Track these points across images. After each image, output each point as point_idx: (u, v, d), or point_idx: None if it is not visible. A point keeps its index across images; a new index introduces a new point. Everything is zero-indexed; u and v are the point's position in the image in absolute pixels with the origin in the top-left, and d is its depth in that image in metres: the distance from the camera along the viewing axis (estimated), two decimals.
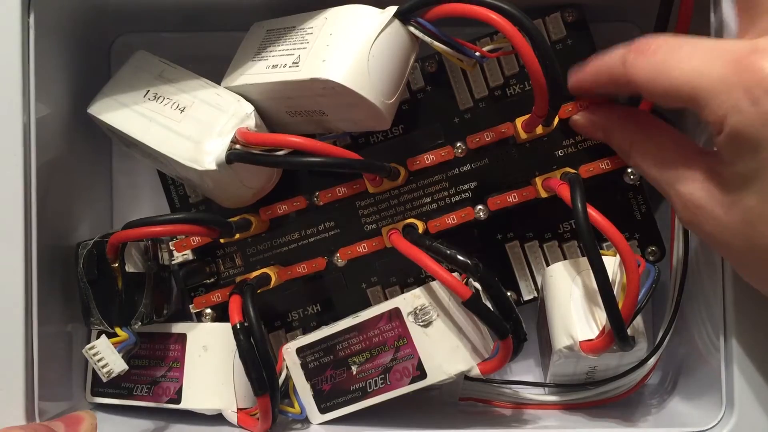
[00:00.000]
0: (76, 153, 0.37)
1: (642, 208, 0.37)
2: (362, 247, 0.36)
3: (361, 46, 0.30)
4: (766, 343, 0.31)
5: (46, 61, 0.34)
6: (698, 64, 0.26)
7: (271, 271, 0.36)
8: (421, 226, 0.35)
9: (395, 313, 0.33)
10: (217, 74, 0.35)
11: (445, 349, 0.32)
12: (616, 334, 0.30)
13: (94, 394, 0.37)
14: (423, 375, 0.32)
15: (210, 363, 0.35)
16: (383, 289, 0.38)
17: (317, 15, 0.32)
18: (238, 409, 0.35)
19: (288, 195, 0.36)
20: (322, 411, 0.34)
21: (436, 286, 0.33)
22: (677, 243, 0.35)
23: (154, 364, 0.36)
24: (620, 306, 0.30)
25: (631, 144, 0.32)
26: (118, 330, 0.34)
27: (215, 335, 0.35)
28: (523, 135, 0.35)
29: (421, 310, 0.32)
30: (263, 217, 0.36)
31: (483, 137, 0.35)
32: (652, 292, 0.32)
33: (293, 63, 0.31)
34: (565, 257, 0.37)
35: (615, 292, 0.30)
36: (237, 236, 0.36)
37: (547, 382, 0.37)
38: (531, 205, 0.35)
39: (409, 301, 0.33)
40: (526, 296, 0.37)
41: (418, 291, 0.33)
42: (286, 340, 0.37)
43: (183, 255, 0.37)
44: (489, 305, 0.31)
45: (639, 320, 0.32)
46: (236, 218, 0.36)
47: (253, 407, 0.35)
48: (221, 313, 0.38)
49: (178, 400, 0.35)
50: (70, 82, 0.37)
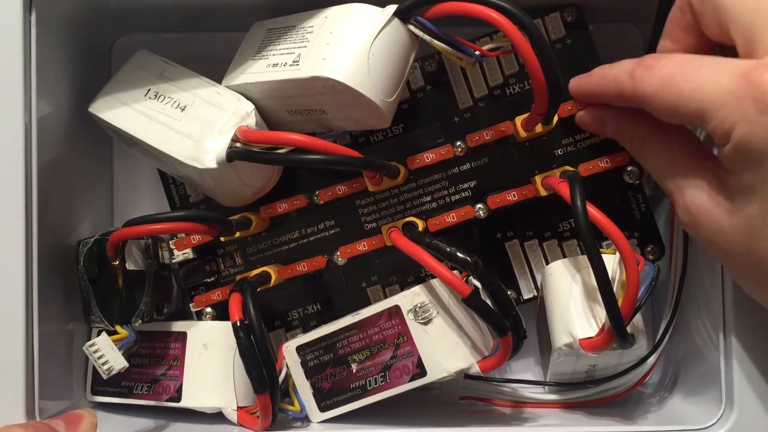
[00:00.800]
0: (77, 152, 0.37)
1: (641, 207, 0.37)
2: (362, 246, 0.36)
3: (362, 44, 0.30)
4: (765, 340, 0.31)
5: (47, 61, 0.34)
6: (705, 77, 0.26)
7: (271, 270, 0.36)
8: (420, 225, 0.35)
9: (395, 311, 0.33)
10: (217, 74, 0.35)
11: (445, 347, 0.32)
12: (616, 331, 0.30)
13: (95, 392, 0.37)
14: (423, 372, 0.33)
15: (210, 361, 0.35)
16: (383, 288, 0.38)
17: (317, 14, 0.33)
18: (238, 407, 0.35)
19: (288, 194, 0.37)
20: (322, 409, 0.34)
21: (435, 283, 0.33)
22: (677, 241, 0.35)
23: (155, 363, 0.36)
24: (620, 304, 0.30)
25: (641, 140, 0.32)
26: (118, 328, 0.34)
27: (215, 333, 0.35)
28: (523, 134, 0.35)
29: (421, 307, 0.33)
30: (263, 215, 0.36)
31: (483, 136, 0.35)
32: (651, 290, 0.32)
33: (293, 62, 0.32)
34: (564, 256, 0.37)
35: (615, 290, 0.30)
36: (237, 234, 0.36)
37: (547, 380, 0.37)
38: (531, 203, 0.36)
39: (409, 299, 0.33)
40: (526, 295, 0.37)
41: (418, 289, 0.33)
42: (287, 339, 0.37)
43: (183, 254, 0.37)
44: (489, 302, 0.31)
45: (639, 318, 0.32)
46: (236, 216, 0.36)
47: (253, 405, 0.35)
48: (221, 312, 0.38)
49: (178, 399, 0.35)
50: (72, 81, 0.37)
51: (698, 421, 0.32)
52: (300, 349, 0.35)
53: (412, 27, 0.31)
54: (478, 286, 0.31)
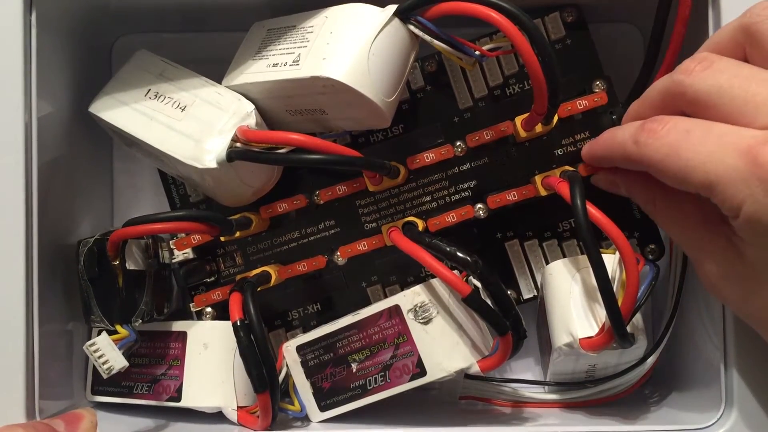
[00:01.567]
0: (77, 152, 0.37)
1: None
2: (362, 246, 0.36)
3: (362, 44, 0.30)
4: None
5: (47, 60, 0.34)
6: (711, 150, 0.25)
7: (271, 270, 0.36)
8: (420, 225, 0.35)
9: (395, 311, 0.33)
10: (217, 74, 0.35)
11: (445, 347, 0.32)
12: (616, 331, 0.30)
13: (95, 392, 0.37)
14: (423, 372, 0.33)
15: (210, 361, 0.35)
16: (383, 288, 0.38)
17: (317, 14, 0.33)
18: (238, 407, 0.35)
19: (288, 194, 0.37)
20: (322, 409, 0.34)
21: (435, 283, 0.33)
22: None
23: (155, 363, 0.36)
24: (620, 303, 0.30)
25: (653, 204, 0.31)
26: (118, 327, 0.34)
27: (215, 333, 0.35)
28: (523, 133, 0.35)
29: (420, 307, 0.33)
30: (263, 215, 0.36)
31: (483, 136, 0.35)
32: (651, 289, 0.32)
33: (294, 61, 0.32)
34: (564, 256, 0.37)
35: (614, 289, 0.30)
36: (237, 234, 0.36)
37: (547, 380, 0.37)
38: (531, 203, 0.36)
39: (409, 299, 0.33)
40: (526, 295, 0.37)
41: (418, 288, 0.33)
42: (287, 339, 0.37)
43: (183, 253, 0.37)
44: (488, 302, 0.31)
45: (639, 318, 0.32)
46: (237, 216, 0.36)
47: (253, 405, 0.35)
48: (221, 312, 0.38)
49: (178, 398, 0.35)
50: (72, 81, 0.37)
51: (698, 421, 0.32)
52: (300, 349, 0.35)
53: (412, 27, 0.31)
54: (478, 285, 0.32)
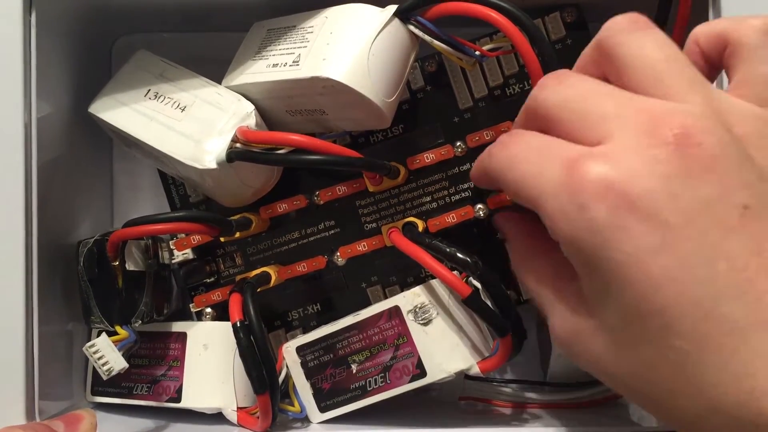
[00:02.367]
0: (77, 152, 0.37)
1: None
2: (362, 246, 0.36)
3: (362, 44, 0.30)
4: None
5: (47, 60, 0.34)
6: (539, 162, 0.24)
7: (271, 270, 0.36)
8: (420, 225, 0.35)
9: (395, 312, 0.33)
10: (217, 74, 0.35)
11: (445, 348, 0.32)
12: None
13: (95, 393, 0.37)
14: (423, 373, 0.32)
15: (210, 362, 0.35)
16: (383, 289, 0.38)
17: (317, 14, 0.33)
18: (238, 407, 0.35)
19: (288, 194, 0.36)
20: (322, 410, 0.34)
21: (435, 284, 0.33)
22: None
23: (155, 363, 0.36)
24: None
25: (518, 258, 0.30)
26: (118, 328, 0.34)
27: (215, 334, 0.35)
28: None
29: (420, 308, 0.33)
30: (263, 215, 0.36)
31: (483, 136, 0.35)
32: None
33: (293, 62, 0.32)
34: None
35: None
36: (237, 235, 0.36)
37: (548, 381, 0.37)
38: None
39: (408, 300, 0.33)
40: (526, 295, 0.37)
41: (417, 289, 0.33)
42: (287, 340, 0.37)
43: (183, 254, 0.37)
44: (489, 303, 0.31)
45: None
46: (236, 217, 0.36)
47: (253, 406, 0.35)
48: (221, 313, 0.38)
49: (178, 399, 0.35)
50: (72, 81, 0.37)
51: None
52: (300, 350, 0.35)
53: (412, 27, 0.31)
54: (478, 287, 0.31)
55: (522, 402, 0.37)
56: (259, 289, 0.35)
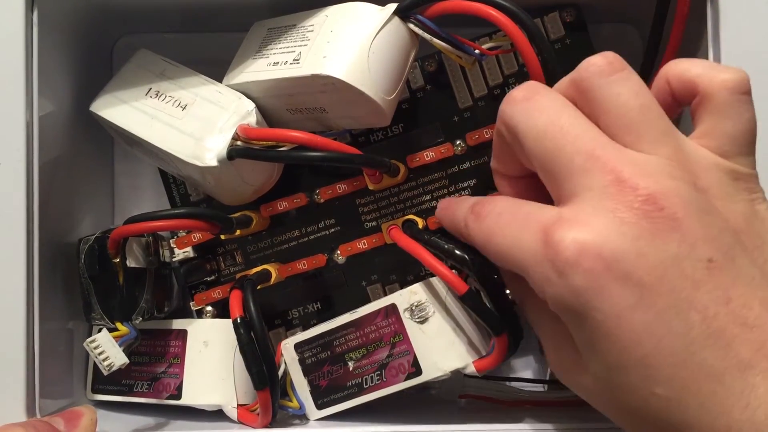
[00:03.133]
0: (78, 151, 0.38)
1: None
2: (362, 244, 0.36)
3: (362, 42, 0.30)
4: None
5: (48, 59, 0.34)
6: (515, 233, 0.25)
7: (271, 268, 0.36)
8: (420, 223, 0.35)
9: (391, 310, 0.33)
10: (218, 75, 0.35)
11: (441, 346, 0.32)
12: None
13: (95, 391, 0.37)
14: (418, 371, 0.33)
15: (210, 359, 0.35)
16: (383, 287, 0.38)
17: (318, 13, 0.33)
18: (238, 405, 0.35)
19: (289, 192, 0.37)
20: (319, 407, 0.34)
21: (433, 282, 0.33)
22: None
23: (155, 361, 0.36)
24: None
25: (517, 297, 0.30)
26: (118, 325, 0.34)
27: (216, 331, 0.35)
28: None
29: (417, 306, 0.33)
30: (264, 213, 0.37)
31: (483, 134, 0.35)
32: None
33: (294, 60, 0.32)
34: None
35: None
36: (238, 233, 0.36)
37: (548, 378, 0.37)
38: None
39: (405, 297, 0.33)
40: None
41: (415, 287, 0.33)
42: (287, 338, 0.37)
43: (184, 252, 0.37)
44: (486, 301, 0.31)
45: None
46: (237, 214, 0.36)
47: (253, 403, 0.35)
48: (222, 311, 0.38)
49: (178, 396, 0.35)
50: (73, 81, 0.37)
51: None
52: (298, 347, 0.35)
53: (412, 25, 0.31)
54: (476, 286, 0.32)
55: (522, 399, 0.37)
56: (259, 287, 0.35)
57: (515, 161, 0.28)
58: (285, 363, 0.35)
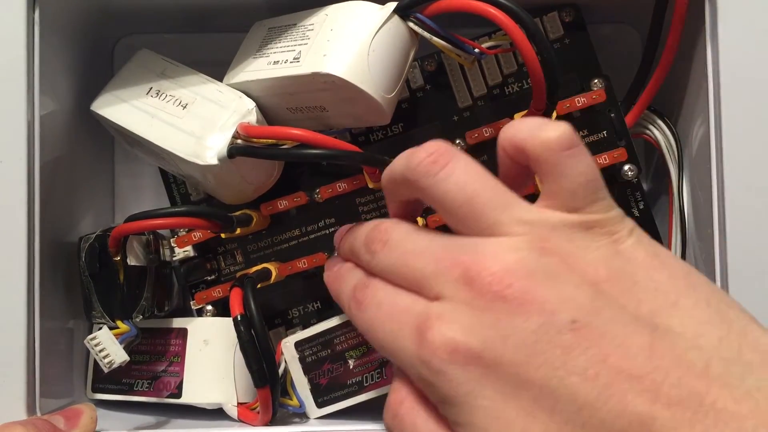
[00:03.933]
0: (79, 150, 0.38)
1: (640, 205, 0.37)
2: None
3: (362, 41, 0.30)
4: None
5: (50, 58, 0.34)
6: (390, 329, 0.25)
7: (271, 267, 0.36)
8: (420, 222, 0.36)
9: None
10: (218, 75, 0.35)
11: None
12: None
13: (95, 390, 0.37)
14: None
15: (211, 357, 0.35)
16: None
17: (318, 12, 0.33)
18: (238, 403, 0.35)
19: (289, 191, 0.37)
20: (320, 405, 0.34)
21: None
22: (675, 239, 0.35)
23: (155, 359, 0.36)
24: None
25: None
26: (119, 323, 0.34)
27: (216, 329, 0.35)
28: None
29: None
30: (264, 212, 0.37)
31: (482, 133, 0.36)
32: None
33: (294, 59, 0.32)
34: None
35: None
36: (238, 231, 0.36)
37: None
38: (531, 200, 0.36)
39: None
40: None
41: None
42: (287, 337, 0.37)
43: (184, 251, 0.37)
44: None
45: None
46: (237, 213, 0.36)
47: (253, 401, 0.35)
48: (222, 310, 0.38)
49: (178, 395, 0.35)
50: (74, 80, 0.37)
51: None
52: (298, 345, 0.35)
53: (411, 24, 0.31)
54: None
55: None
56: (259, 285, 0.35)
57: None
58: (285, 361, 0.35)
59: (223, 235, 0.37)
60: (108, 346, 0.33)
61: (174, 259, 0.38)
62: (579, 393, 0.21)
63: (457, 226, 0.25)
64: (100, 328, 0.34)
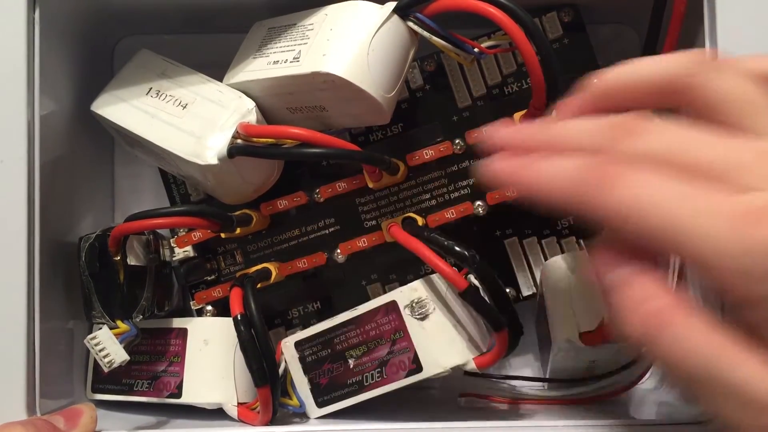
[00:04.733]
0: (79, 150, 0.38)
1: None
2: (362, 242, 0.36)
3: (361, 40, 0.31)
4: None
5: (50, 58, 0.34)
6: (690, 214, 0.21)
7: (271, 266, 0.36)
8: (420, 221, 0.36)
9: (392, 307, 0.33)
10: (219, 76, 0.35)
11: (442, 343, 0.32)
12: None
13: (95, 390, 0.37)
14: (419, 368, 0.32)
15: (211, 357, 0.35)
16: (383, 286, 0.38)
17: (317, 11, 0.33)
18: (238, 403, 0.35)
19: (289, 191, 0.37)
20: (320, 405, 0.34)
21: (433, 279, 0.33)
22: None
23: (155, 359, 0.36)
24: None
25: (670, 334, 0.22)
26: (119, 322, 0.34)
27: (216, 329, 0.35)
28: None
29: (417, 303, 0.33)
30: (264, 212, 0.37)
31: (482, 132, 0.36)
32: None
33: (294, 58, 0.32)
34: (563, 253, 0.37)
35: None
36: (238, 231, 0.36)
37: (547, 377, 0.37)
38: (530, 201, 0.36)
39: (406, 294, 0.33)
40: (525, 292, 0.37)
41: (415, 284, 0.33)
42: (287, 337, 0.37)
43: (184, 251, 0.37)
44: (486, 299, 0.31)
45: None
46: (237, 213, 0.36)
47: (253, 401, 0.35)
48: (222, 310, 0.38)
49: (178, 395, 0.35)
50: (74, 80, 0.37)
51: (696, 415, 0.32)
52: (298, 345, 0.35)
53: (411, 24, 0.31)
54: (476, 284, 0.32)
55: (521, 398, 0.37)
56: (259, 285, 0.35)
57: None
58: (285, 361, 0.35)
59: (223, 235, 0.37)
60: (108, 345, 0.33)
61: (174, 259, 0.38)
62: None
63: (738, 123, 0.22)
64: (100, 328, 0.34)
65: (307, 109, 0.34)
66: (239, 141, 0.32)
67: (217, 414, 0.35)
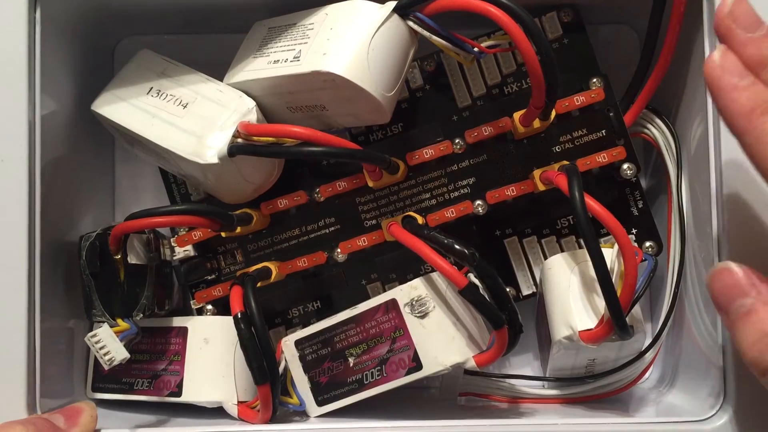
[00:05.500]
0: (79, 150, 0.38)
1: (639, 204, 0.37)
2: (362, 241, 0.36)
3: (361, 39, 0.31)
4: None
5: (51, 58, 0.34)
6: None
7: (271, 265, 0.36)
8: (420, 220, 0.36)
9: (392, 305, 0.33)
10: (219, 76, 0.35)
11: (441, 341, 0.32)
12: (615, 322, 0.30)
13: (95, 389, 0.37)
14: (419, 366, 0.33)
15: (211, 356, 0.35)
16: (383, 285, 0.38)
17: (318, 11, 0.33)
18: (238, 401, 0.35)
19: (289, 191, 0.37)
20: (320, 403, 0.34)
21: (433, 277, 0.33)
22: (674, 238, 0.35)
23: (155, 358, 0.36)
24: (618, 294, 0.30)
25: None
26: (119, 321, 0.34)
27: (216, 328, 0.35)
28: (521, 129, 0.35)
29: (417, 301, 0.33)
30: (264, 211, 0.37)
31: (481, 132, 0.36)
32: (649, 281, 0.32)
33: (294, 57, 0.32)
34: (562, 252, 0.37)
35: (613, 281, 0.31)
36: (238, 230, 0.36)
37: (547, 376, 0.37)
38: (529, 201, 0.36)
39: (406, 292, 0.33)
40: (525, 291, 0.37)
41: (415, 282, 0.33)
42: (287, 336, 0.37)
43: (184, 251, 0.37)
44: (486, 297, 0.32)
45: (637, 310, 0.33)
46: (238, 212, 0.36)
47: (253, 400, 0.35)
48: (222, 309, 0.38)
49: (178, 394, 0.35)
50: (75, 80, 0.37)
51: (696, 414, 0.32)
52: (298, 344, 0.35)
53: (411, 23, 0.31)
54: (476, 283, 0.32)
55: (521, 397, 0.37)
56: (259, 284, 0.35)
57: None
58: (285, 360, 0.35)
59: (223, 234, 0.37)
60: (108, 343, 0.33)
61: (174, 258, 0.38)
62: None
63: None
64: (101, 326, 0.34)
65: (308, 108, 0.34)
66: (240, 140, 0.33)
67: (218, 412, 0.35)
